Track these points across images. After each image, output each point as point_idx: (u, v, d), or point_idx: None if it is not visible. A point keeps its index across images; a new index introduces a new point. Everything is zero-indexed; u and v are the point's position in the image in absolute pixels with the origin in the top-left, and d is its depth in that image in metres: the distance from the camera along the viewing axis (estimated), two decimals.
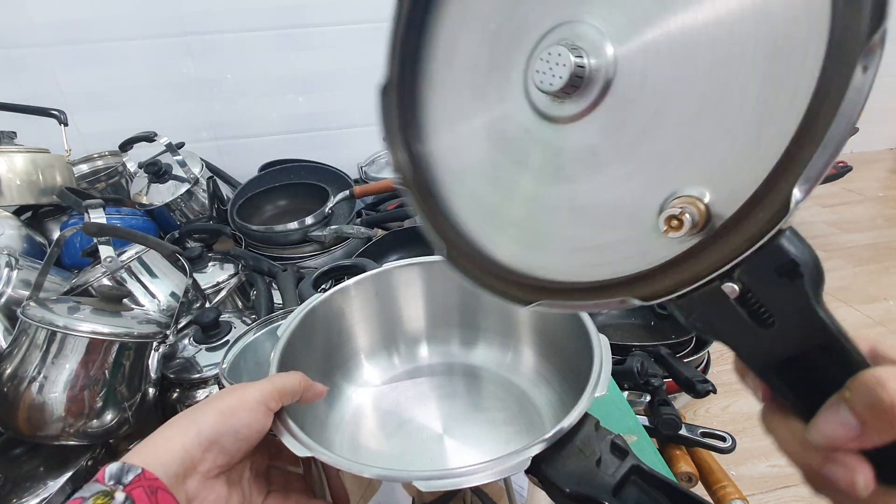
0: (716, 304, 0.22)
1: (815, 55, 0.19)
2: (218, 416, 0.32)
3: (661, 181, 0.23)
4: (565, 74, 0.24)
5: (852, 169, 1.12)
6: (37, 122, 1.01)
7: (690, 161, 0.23)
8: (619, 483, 0.29)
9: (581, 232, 0.26)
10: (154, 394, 0.62)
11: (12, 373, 0.54)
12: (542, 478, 0.30)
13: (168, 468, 0.29)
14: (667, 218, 0.22)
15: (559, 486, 0.29)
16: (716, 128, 0.22)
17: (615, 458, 0.30)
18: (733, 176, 0.21)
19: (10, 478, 0.56)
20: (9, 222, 0.87)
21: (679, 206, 0.22)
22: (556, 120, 0.26)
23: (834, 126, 0.19)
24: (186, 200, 1.06)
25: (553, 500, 0.31)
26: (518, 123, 0.28)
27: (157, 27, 1.23)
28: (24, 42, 1.20)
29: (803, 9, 0.20)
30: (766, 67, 0.21)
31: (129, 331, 0.57)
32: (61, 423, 0.54)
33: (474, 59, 0.30)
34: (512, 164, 0.29)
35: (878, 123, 1.64)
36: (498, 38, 0.29)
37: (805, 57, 0.20)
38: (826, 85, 0.19)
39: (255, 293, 0.84)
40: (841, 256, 1.11)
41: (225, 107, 1.35)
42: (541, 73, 0.25)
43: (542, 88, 0.25)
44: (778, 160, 0.20)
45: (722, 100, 0.22)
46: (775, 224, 0.20)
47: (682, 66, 0.23)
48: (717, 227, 0.21)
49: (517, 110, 0.28)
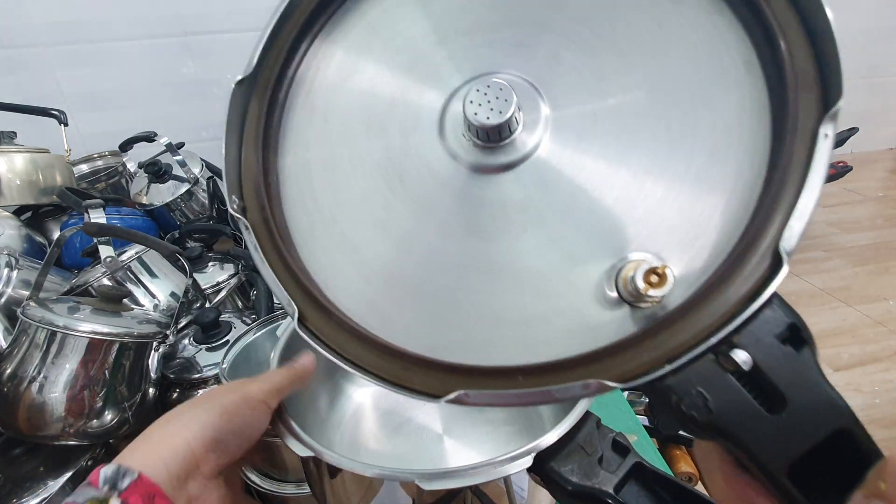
0: (713, 384, 0.18)
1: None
2: (221, 414, 0.31)
3: (611, 243, 0.20)
4: (507, 111, 0.21)
5: (852, 169, 1.12)
6: (37, 122, 1.01)
7: (651, 218, 0.20)
8: (622, 480, 0.29)
9: (503, 300, 0.22)
10: (154, 394, 0.62)
11: (12, 373, 0.54)
12: (545, 476, 0.30)
13: (170, 467, 0.28)
14: (645, 272, 0.19)
15: (561, 484, 0.29)
16: (668, 187, 0.20)
17: (617, 456, 0.30)
18: (710, 230, 0.19)
19: (10, 478, 0.56)
20: (9, 222, 0.87)
21: (632, 269, 0.19)
22: (481, 169, 0.23)
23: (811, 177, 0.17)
24: (186, 200, 1.06)
25: (555, 499, 0.31)
26: (423, 163, 0.24)
27: (157, 27, 1.24)
28: (24, 42, 1.20)
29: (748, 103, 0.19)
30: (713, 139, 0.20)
31: (129, 331, 0.57)
32: (61, 423, 0.54)
33: (378, 87, 0.26)
34: (408, 208, 0.24)
35: (878, 123, 1.64)
36: (412, 70, 0.25)
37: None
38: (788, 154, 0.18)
39: (255, 293, 0.84)
40: (841, 256, 1.11)
41: (225, 107, 1.34)
42: (475, 104, 0.22)
43: (477, 121, 0.22)
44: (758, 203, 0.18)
45: (673, 160, 0.20)
46: (773, 275, 0.17)
47: (630, 132, 0.21)
48: (702, 286, 0.18)
49: (425, 148, 0.24)
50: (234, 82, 0.28)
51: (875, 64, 1.57)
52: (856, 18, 1.49)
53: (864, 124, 1.30)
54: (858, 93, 1.60)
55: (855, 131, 1.09)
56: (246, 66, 0.28)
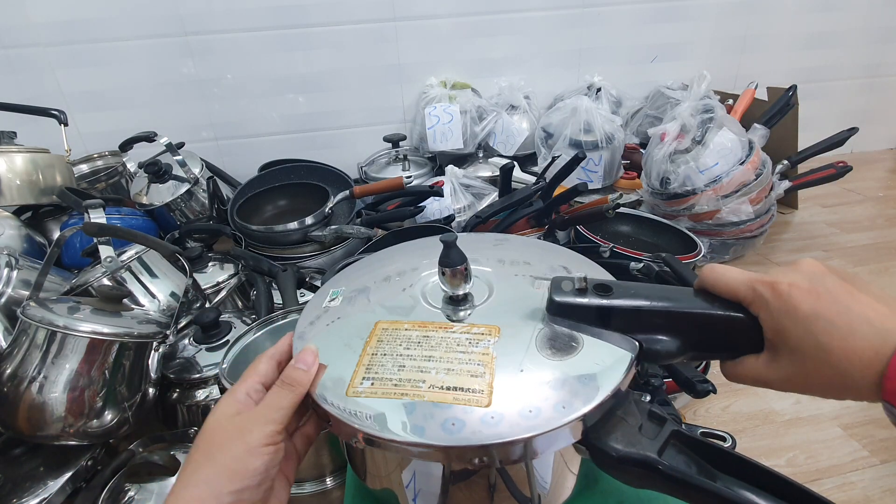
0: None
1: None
2: (231, 476, 0.30)
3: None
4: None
5: (852, 169, 1.12)
6: (37, 122, 1.01)
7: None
8: (662, 446, 0.31)
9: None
10: (154, 394, 0.62)
11: (12, 373, 0.54)
12: (590, 445, 0.32)
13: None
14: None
15: (608, 451, 0.31)
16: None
17: (655, 425, 0.32)
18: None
19: (10, 478, 0.56)
20: (9, 222, 0.87)
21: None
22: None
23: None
24: (186, 200, 1.06)
25: (601, 468, 0.32)
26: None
27: (157, 27, 1.23)
28: (24, 42, 1.20)
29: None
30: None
31: (129, 331, 0.57)
32: (61, 423, 0.54)
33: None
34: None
35: (878, 123, 1.64)
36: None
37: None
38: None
39: (255, 293, 0.84)
40: (841, 256, 1.11)
41: (225, 107, 1.35)
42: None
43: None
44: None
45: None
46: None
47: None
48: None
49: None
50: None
51: (875, 64, 1.56)
52: (856, 18, 1.49)
53: (864, 124, 1.29)
54: (858, 93, 1.60)
55: (855, 131, 1.09)
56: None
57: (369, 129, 1.43)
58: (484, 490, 0.35)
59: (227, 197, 1.15)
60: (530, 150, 1.33)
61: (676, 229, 1.02)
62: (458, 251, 0.38)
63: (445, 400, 0.32)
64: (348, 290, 0.44)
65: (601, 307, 0.34)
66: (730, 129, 1.02)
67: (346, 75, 1.36)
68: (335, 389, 0.34)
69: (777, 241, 1.18)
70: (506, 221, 0.94)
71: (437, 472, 0.35)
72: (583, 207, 0.97)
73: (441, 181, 1.08)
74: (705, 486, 0.29)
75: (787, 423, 0.72)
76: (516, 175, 1.10)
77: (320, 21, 1.29)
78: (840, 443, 0.69)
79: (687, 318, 0.33)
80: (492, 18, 1.36)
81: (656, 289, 0.35)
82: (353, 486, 0.47)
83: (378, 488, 0.40)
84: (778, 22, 1.48)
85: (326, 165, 1.19)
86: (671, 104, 1.23)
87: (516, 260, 0.45)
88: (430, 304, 0.40)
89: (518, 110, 1.35)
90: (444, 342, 0.36)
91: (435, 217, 1.04)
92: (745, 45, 1.50)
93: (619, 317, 0.34)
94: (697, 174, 1.01)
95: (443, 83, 1.37)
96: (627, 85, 1.45)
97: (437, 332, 0.37)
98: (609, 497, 0.42)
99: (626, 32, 1.43)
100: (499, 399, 0.32)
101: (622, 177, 1.30)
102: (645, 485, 0.31)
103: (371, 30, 1.32)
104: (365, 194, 1.02)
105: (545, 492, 0.36)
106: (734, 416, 0.74)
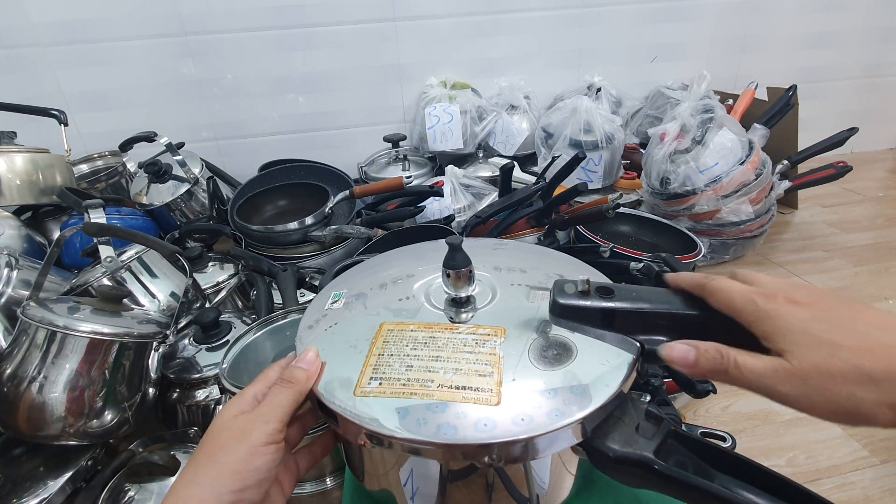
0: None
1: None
2: (233, 476, 0.30)
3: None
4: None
5: (852, 169, 1.12)
6: (37, 122, 1.01)
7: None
8: (659, 445, 0.31)
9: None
10: (154, 394, 0.62)
11: (12, 373, 0.54)
12: (587, 446, 0.32)
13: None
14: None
15: (605, 452, 0.31)
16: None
17: (651, 425, 0.32)
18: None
19: (10, 478, 0.56)
20: (9, 222, 0.87)
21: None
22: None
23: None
24: (186, 200, 1.06)
25: (598, 469, 0.32)
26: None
27: (157, 27, 1.23)
28: (24, 42, 1.20)
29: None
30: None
31: (129, 331, 0.57)
32: (61, 423, 0.54)
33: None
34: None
35: (878, 123, 1.64)
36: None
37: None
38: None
39: (255, 293, 0.84)
40: (841, 256, 1.10)
41: (225, 107, 1.35)
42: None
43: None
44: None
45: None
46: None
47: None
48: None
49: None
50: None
51: (875, 64, 1.56)
52: (856, 18, 1.49)
53: (864, 124, 1.29)
54: (858, 93, 1.60)
55: (855, 131, 1.09)
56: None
57: (369, 129, 1.43)
58: (482, 490, 0.35)
59: (227, 197, 1.15)
60: (530, 150, 1.33)
61: (676, 229, 1.02)
62: (463, 254, 0.38)
63: (455, 399, 0.32)
64: (349, 293, 0.44)
65: (604, 309, 0.34)
66: (730, 129, 1.02)
67: (346, 75, 1.36)
68: (342, 390, 0.34)
69: (777, 241, 1.18)
70: (506, 221, 0.94)
71: (434, 473, 0.35)
72: (583, 207, 0.97)
73: (441, 181, 1.08)
74: (702, 486, 0.29)
75: (787, 423, 0.72)
76: (516, 175, 1.10)
77: (320, 21, 1.29)
78: (840, 443, 0.69)
79: (687, 320, 0.33)
80: (492, 18, 1.36)
81: (657, 291, 0.35)
82: (351, 487, 0.47)
83: (376, 489, 0.40)
84: (778, 22, 1.48)
85: (326, 165, 1.19)
86: (671, 104, 1.23)
87: (512, 267, 0.45)
88: (433, 307, 0.40)
89: (518, 110, 1.35)
90: (451, 343, 0.36)
91: (435, 217, 1.04)
92: (745, 45, 1.50)
93: (620, 318, 0.35)
94: (697, 174, 1.01)
95: (443, 83, 1.37)
96: (627, 85, 1.45)
97: (444, 333, 0.37)
98: (607, 497, 0.42)
99: (626, 32, 1.43)
100: (507, 398, 0.32)
101: (622, 177, 1.30)
102: (642, 485, 0.31)
103: (371, 30, 1.32)
104: (365, 194, 1.02)
105: (543, 492, 0.36)
106: (734, 416, 0.74)
